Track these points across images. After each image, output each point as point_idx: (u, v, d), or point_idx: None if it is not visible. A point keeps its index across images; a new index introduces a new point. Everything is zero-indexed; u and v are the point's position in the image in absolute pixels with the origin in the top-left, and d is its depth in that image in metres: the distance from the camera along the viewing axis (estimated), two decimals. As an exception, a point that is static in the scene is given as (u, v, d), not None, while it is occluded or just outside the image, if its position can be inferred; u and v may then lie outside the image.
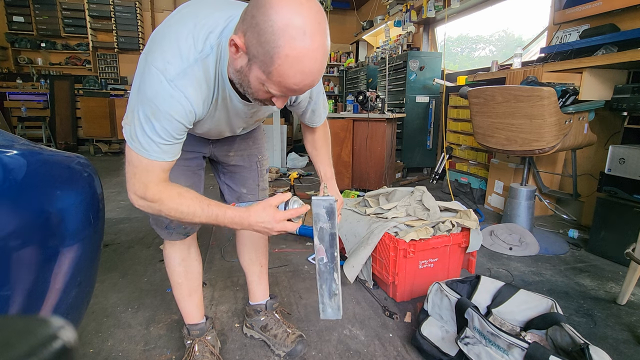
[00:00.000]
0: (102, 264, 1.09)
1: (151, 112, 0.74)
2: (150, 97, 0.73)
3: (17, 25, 5.89)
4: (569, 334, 1.05)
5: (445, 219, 1.61)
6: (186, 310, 1.19)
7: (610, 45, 2.23)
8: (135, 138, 0.77)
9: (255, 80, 0.70)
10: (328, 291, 1.11)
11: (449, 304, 1.25)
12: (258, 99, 0.76)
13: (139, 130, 0.76)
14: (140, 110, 0.75)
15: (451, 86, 3.72)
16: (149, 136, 0.76)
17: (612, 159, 2.03)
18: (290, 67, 0.64)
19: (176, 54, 0.73)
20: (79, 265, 0.83)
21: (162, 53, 0.73)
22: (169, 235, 1.10)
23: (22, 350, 0.20)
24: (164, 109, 0.74)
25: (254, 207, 0.83)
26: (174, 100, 0.74)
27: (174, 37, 0.74)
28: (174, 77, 0.73)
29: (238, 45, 0.66)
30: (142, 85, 0.74)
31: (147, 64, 0.74)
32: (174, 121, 0.76)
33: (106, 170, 4.35)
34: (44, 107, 5.92)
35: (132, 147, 0.78)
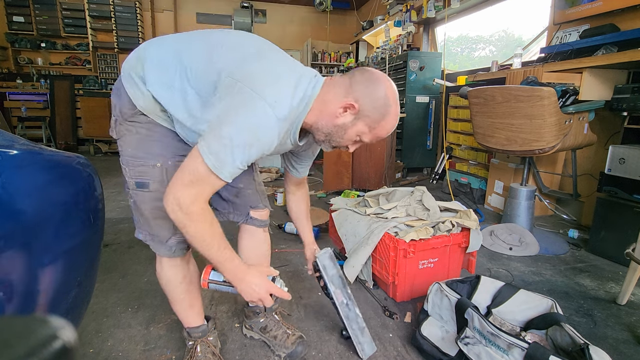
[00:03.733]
0: (102, 264, 1.08)
1: (250, 141, 0.80)
2: (254, 126, 0.80)
3: (17, 25, 5.89)
4: (569, 334, 1.05)
5: (445, 219, 1.61)
6: (187, 319, 1.17)
7: (610, 45, 2.23)
8: (215, 154, 0.79)
9: (353, 133, 0.92)
10: (359, 329, 1.22)
11: (449, 304, 1.25)
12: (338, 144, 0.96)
13: (227, 151, 0.79)
14: (235, 134, 0.79)
15: (451, 86, 3.72)
16: (234, 159, 0.80)
17: (612, 159, 2.03)
18: (390, 122, 0.91)
19: (287, 96, 0.84)
20: (79, 265, 0.83)
21: (276, 89, 0.82)
22: (170, 251, 1.04)
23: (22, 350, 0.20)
24: (264, 141, 0.83)
25: (254, 268, 0.94)
26: (274, 137, 0.84)
27: (287, 78, 0.86)
28: (282, 117, 0.83)
29: (354, 106, 0.87)
30: (245, 111, 0.79)
31: (254, 94, 0.79)
32: (260, 152, 0.84)
33: (106, 170, 4.35)
34: (44, 107, 5.92)
35: (207, 161, 0.79)
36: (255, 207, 1.22)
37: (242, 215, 1.22)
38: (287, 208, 1.35)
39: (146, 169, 0.95)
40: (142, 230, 1.04)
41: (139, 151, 0.95)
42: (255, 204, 1.22)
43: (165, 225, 1.00)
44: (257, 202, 1.23)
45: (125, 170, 0.98)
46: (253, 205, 1.22)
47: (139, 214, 1.02)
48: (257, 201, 1.23)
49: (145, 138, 0.95)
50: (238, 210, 1.22)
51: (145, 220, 1.01)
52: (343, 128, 0.90)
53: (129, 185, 0.99)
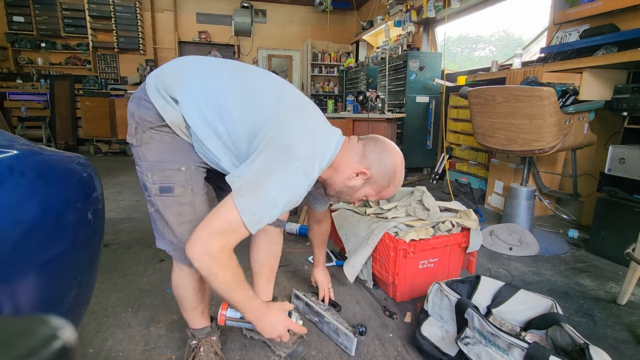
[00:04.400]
0: (102, 264, 1.08)
1: (287, 201, 0.87)
2: (292, 188, 0.87)
3: (17, 25, 5.89)
4: (569, 334, 1.05)
5: (445, 219, 1.61)
6: (194, 321, 1.17)
7: (610, 45, 2.23)
8: (255, 214, 0.83)
9: (361, 194, 1.03)
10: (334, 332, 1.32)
11: (449, 304, 1.25)
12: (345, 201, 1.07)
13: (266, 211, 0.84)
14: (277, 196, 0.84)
15: (451, 86, 3.72)
16: (272, 217, 0.86)
17: (612, 159, 2.03)
18: (394, 187, 1.03)
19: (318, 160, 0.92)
20: (79, 265, 0.83)
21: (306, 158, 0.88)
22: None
23: (22, 350, 0.20)
24: (296, 200, 0.89)
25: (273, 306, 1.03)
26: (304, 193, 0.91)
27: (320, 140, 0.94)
28: (313, 180, 0.91)
29: (366, 174, 0.98)
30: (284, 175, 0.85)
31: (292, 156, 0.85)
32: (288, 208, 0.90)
33: (106, 170, 4.35)
34: (44, 107, 5.92)
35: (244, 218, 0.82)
36: None
37: None
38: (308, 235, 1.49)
39: (172, 173, 0.95)
40: (166, 241, 1.02)
41: (165, 156, 0.95)
42: None
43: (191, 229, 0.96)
44: None
45: (148, 176, 0.96)
46: None
47: (162, 222, 1.00)
48: None
49: (169, 145, 0.96)
50: None
51: (169, 229, 0.99)
52: (353, 189, 1.02)
53: (152, 192, 0.97)
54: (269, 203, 0.84)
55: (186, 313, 1.14)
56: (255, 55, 7.14)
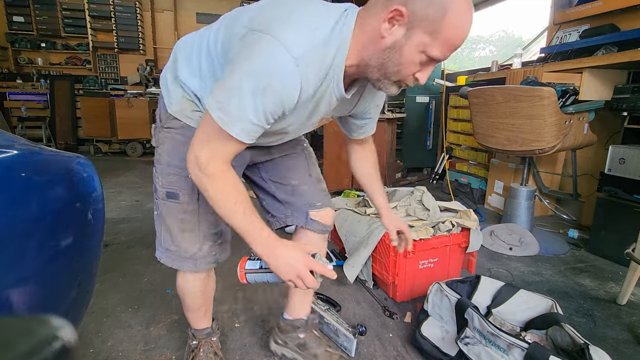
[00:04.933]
0: (102, 264, 1.08)
1: (262, 87, 0.68)
2: (267, 71, 0.67)
3: (17, 25, 5.88)
4: (569, 334, 1.05)
5: (445, 219, 1.61)
6: (196, 322, 1.16)
7: (610, 45, 2.23)
8: (222, 108, 0.70)
9: (412, 50, 0.69)
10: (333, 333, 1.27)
11: (449, 304, 1.25)
12: (400, 78, 0.74)
13: (234, 101, 0.69)
14: (244, 80, 0.68)
15: (451, 86, 3.72)
16: (245, 112, 0.70)
17: (612, 159, 2.03)
18: (461, 18, 0.66)
19: (305, 30, 0.69)
20: (79, 265, 0.83)
21: (288, 29, 0.68)
22: (195, 265, 0.98)
23: (22, 350, 0.20)
24: (278, 87, 0.68)
25: (285, 241, 0.79)
26: (293, 81, 0.69)
27: (301, 15, 0.71)
28: (300, 55, 0.67)
29: (402, 12, 0.66)
30: (254, 54, 0.67)
31: (265, 36, 0.67)
32: (279, 104, 0.71)
33: (106, 170, 4.35)
34: (44, 107, 5.91)
35: (214, 115, 0.71)
36: (314, 206, 1.08)
37: (301, 217, 1.08)
38: (352, 170, 1.19)
39: (178, 179, 0.92)
40: (162, 248, 0.99)
41: (174, 159, 0.92)
42: (314, 202, 1.08)
43: (191, 239, 0.96)
44: (316, 199, 1.08)
45: (159, 179, 0.95)
46: (311, 203, 1.08)
47: (163, 228, 0.97)
48: (315, 199, 1.08)
49: (179, 145, 0.90)
50: (296, 212, 1.08)
51: (169, 235, 0.96)
52: (396, 49, 0.70)
53: (159, 195, 0.95)
54: (237, 92, 0.69)
55: (189, 313, 1.14)
56: (255, 55, 7.14)
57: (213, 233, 0.99)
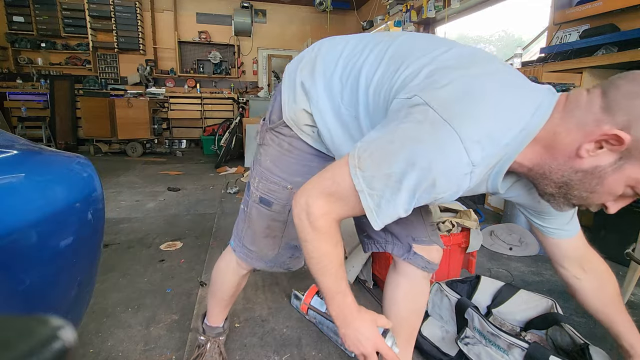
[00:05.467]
0: (102, 264, 1.08)
1: (425, 186, 0.57)
2: (436, 169, 0.55)
3: (17, 25, 5.89)
4: (569, 334, 1.05)
5: (445, 219, 1.61)
6: (215, 317, 1.17)
7: (610, 45, 2.23)
8: (374, 194, 0.60)
9: (619, 182, 0.56)
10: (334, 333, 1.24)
11: (449, 304, 1.25)
12: (585, 202, 0.61)
13: (390, 193, 0.59)
14: (410, 175, 0.57)
15: (451, 86, 3.72)
16: (396, 208, 0.60)
17: (612, 159, 2.03)
18: None
19: (494, 130, 0.56)
20: (79, 265, 0.83)
21: (478, 120, 0.55)
22: (268, 266, 0.98)
23: (22, 350, 0.20)
24: (442, 188, 0.57)
25: (367, 314, 0.72)
26: (459, 185, 0.58)
27: (494, 107, 0.57)
28: (479, 162, 0.56)
29: (623, 139, 0.51)
30: (429, 145, 0.56)
31: (443, 122, 0.55)
32: (433, 198, 0.60)
33: (106, 170, 4.35)
34: (44, 107, 5.92)
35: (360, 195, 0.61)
36: (419, 241, 0.96)
37: (403, 247, 0.96)
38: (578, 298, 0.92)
39: (276, 188, 0.88)
40: (240, 244, 0.98)
41: (277, 167, 0.87)
42: (420, 237, 0.96)
43: (272, 245, 0.95)
44: (423, 234, 0.96)
45: (255, 180, 0.92)
46: (417, 237, 0.95)
47: (247, 226, 0.96)
48: (422, 234, 0.96)
49: (285, 153, 0.86)
50: (399, 240, 0.96)
51: (252, 235, 0.95)
52: (595, 175, 0.56)
53: (252, 197, 0.93)
54: (396, 184, 0.58)
55: (211, 299, 1.15)
56: (255, 55, 7.14)
57: (294, 245, 0.97)
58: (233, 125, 5.13)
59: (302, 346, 1.30)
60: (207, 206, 3.01)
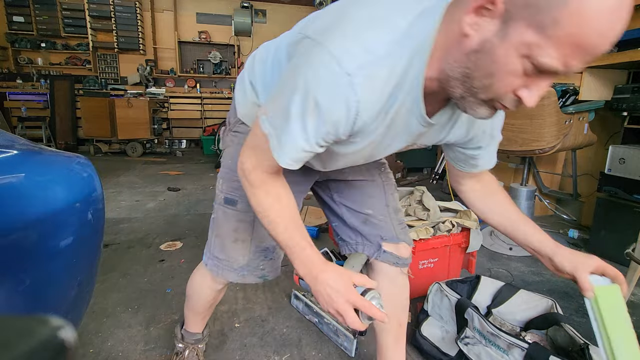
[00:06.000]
0: (102, 264, 1.08)
1: (310, 108, 0.57)
2: (314, 88, 0.56)
3: (17, 25, 5.88)
4: (569, 334, 1.05)
5: (445, 219, 1.61)
6: (192, 324, 1.15)
7: (610, 45, 2.23)
8: (275, 130, 0.62)
9: (510, 53, 0.48)
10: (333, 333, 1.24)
11: (449, 304, 1.25)
12: (494, 95, 0.53)
13: (285, 124, 0.60)
14: (295, 101, 0.58)
15: (451, 86, 3.71)
16: (294, 137, 0.60)
17: (612, 159, 2.03)
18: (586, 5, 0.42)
19: (360, 42, 0.55)
20: (79, 265, 0.83)
21: (341, 38, 0.55)
22: (241, 278, 0.95)
23: (22, 350, 0.20)
24: (326, 106, 0.56)
25: (331, 265, 0.68)
26: (341, 99, 0.56)
27: (361, 20, 0.56)
28: (354, 69, 0.54)
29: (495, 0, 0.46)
30: (306, 69, 0.57)
31: (317, 45, 0.56)
32: (330, 127, 0.58)
33: (106, 170, 4.35)
34: (44, 107, 5.92)
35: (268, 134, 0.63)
36: (388, 239, 0.99)
37: (373, 247, 0.99)
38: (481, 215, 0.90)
39: (238, 186, 0.84)
40: (211, 255, 0.96)
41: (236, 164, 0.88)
42: (388, 236, 0.99)
43: (242, 250, 0.93)
44: (391, 233, 0.99)
45: (220, 183, 0.93)
46: (385, 236, 0.99)
47: (215, 234, 0.95)
48: (390, 232, 0.99)
49: None
50: (368, 241, 1.00)
51: (220, 242, 0.94)
52: (485, 52, 0.50)
53: (218, 200, 0.93)
54: (283, 113, 0.59)
55: (188, 312, 1.13)
56: (255, 55, 7.14)
57: (265, 247, 0.95)
58: (233, 125, 5.12)
59: (302, 346, 1.30)
60: (207, 206, 3.01)
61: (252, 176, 0.68)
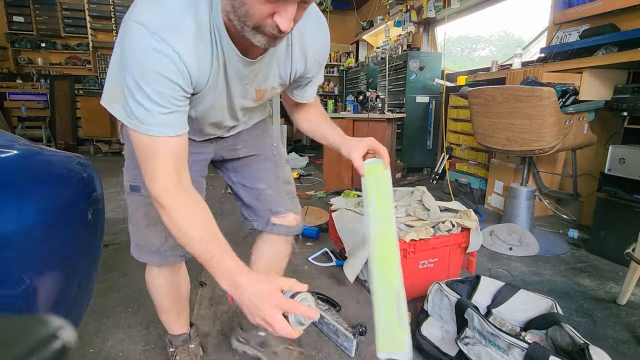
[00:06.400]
0: (102, 264, 1.08)
1: (138, 75, 0.63)
2: (133, 56, 0.62)
3: (17, 25, 5.89)
4: (569, 334, 1.05)
5: (445, 219, 1.61)
6: (171, 327, 1.14)
7: (610, 45, 2.23)
8: (131, 113, 0.66)
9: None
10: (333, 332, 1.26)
11: (449, 304, 1.25)
12: (257, 23, 0.60)
13: (132, 101, 0.65)
14: (127, 77, 0.64)
15: (451, 86, 3.72)
16: (143, 105, 0.64)
17: (612, 159, 2.03)
18: None
19: (158, 4, 0.63)
20: (79, 265, 0.83)
21: (142, 6, 0.64)
22: (162, 259, 0.98)
23: (22, 350, 0.20)
24: (151, 66, 0.62)
25: (253, 273, 0.65)
26: (160, 54, 0.62)
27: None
28: (157, 28, 0.61)
29: None
30: (124, 46, 0.64)
31: (126, 22, 0.64)
32: (167, 80, 0.64)
33: (106, 170, 4.35)
34: (44, 107, 5.92)
35: (131, 125, 0.67)
36: (276, 212, 1.06)
37: (263, 221, 1.07)
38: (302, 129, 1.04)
39: (138, 172, 0.85)
40: (133, 243, 1.00)
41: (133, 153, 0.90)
42: (277, 208, 1.06)
43: (156, 232, 0.96)
44: (279, 205, 1.06)
45: (124, 173, 0.96)
46: (274, 209, 1.06)
47: (131, 222, 0.98)
48: (278, 204, 1.06)
49: None
50: (259, 216, 1.07)
51: (136, 229, 0.97)
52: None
53: (125, 190, 0.97)
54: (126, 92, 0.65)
55: (162, 316, 1.12)
56: (255, 55, 7.14)
57: None
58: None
59: (302, 346, 1.30)
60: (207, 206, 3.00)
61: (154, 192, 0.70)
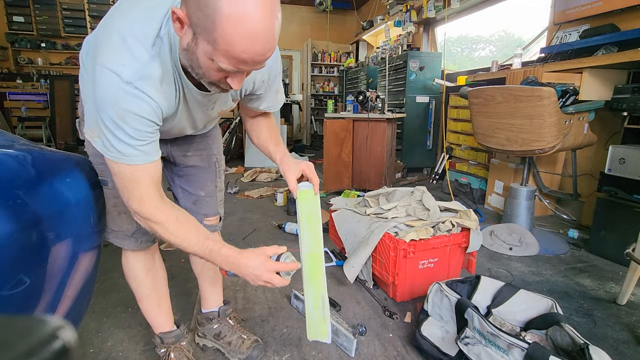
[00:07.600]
0: (102, 264, 1.08)
1: (117, 116, 0.69)
2: (109, 99, 0.68)
3: (17, 25, 5.89)
4: (569, 334, 1.05)
5: (445, 219, 1.61)
6: (157, 321, 1.15)
7: (610, 45, 2.23)
8: (111, 147, 0.73)
9: (203, 56, 0.64)
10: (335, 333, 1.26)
11: (449, 304, 1.25)
12: (212, 81, 0.70)
13: (112, 138, 0.72)
14: (104, 117, 0.70)
15: (451, 86, 3.72)
16: (124, 141, 0.72)
17: (612, 159, 2.03)
18: (234, 30, 0.58)
19: (128, 54, 0.68)
20: (79, 265, 0.83)
21: (112, 54, 0.68)
22: (137, 244, 1.05)
23: (22, 350, 0.20)
24: (130, 108, 0.70)
25: (246, 251, 0.84)
26: (138, 99, 0.70)
27: (122, 34, 0.68)
28: (131, 78, 0.68)
29: (180, 17, 0.61)
30: (98, 90, 0.69)
31: (97, 66, 0.68)
32: (143, 119, 0.72)
33: (106, 170, 4.35)
34: (44, 107, 5.92)
35: (111, 157, 0.74)
36: (209, 214, 1.19)
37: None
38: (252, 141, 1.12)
39: (104, 167, 0.92)
40: (109, 229, 1.03)
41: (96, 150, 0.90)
42: (211, 212, 1.19)
43: (127, 219, 1.00)
44: (213, 210, 1.20)
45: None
46: (208, 213, 1.19)
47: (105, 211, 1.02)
48: (212, 209, 1.20)
49: None
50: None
51: (110, 217, 1.01)
52: (190, 51, 0.65)
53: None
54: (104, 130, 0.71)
55: (143, 303, 1.13)
56: (255, 55, 7.14)
57: None
58: (233, 125, 5.13)
59: (302, 346, 1.30)
60: (207, 206, 3.00)
61: (145, 210, 0.78)
